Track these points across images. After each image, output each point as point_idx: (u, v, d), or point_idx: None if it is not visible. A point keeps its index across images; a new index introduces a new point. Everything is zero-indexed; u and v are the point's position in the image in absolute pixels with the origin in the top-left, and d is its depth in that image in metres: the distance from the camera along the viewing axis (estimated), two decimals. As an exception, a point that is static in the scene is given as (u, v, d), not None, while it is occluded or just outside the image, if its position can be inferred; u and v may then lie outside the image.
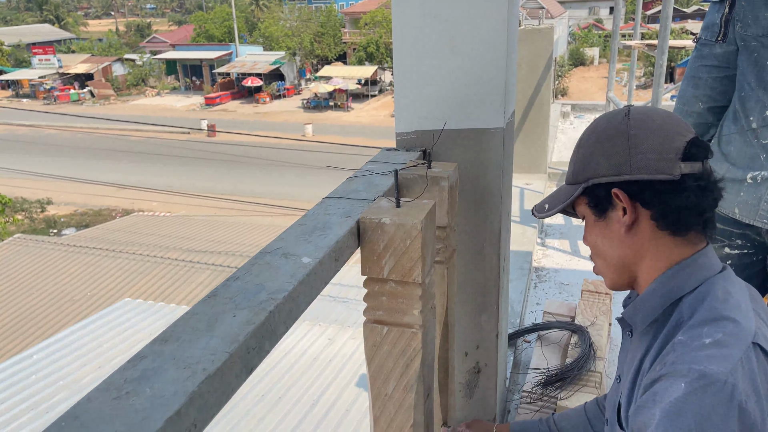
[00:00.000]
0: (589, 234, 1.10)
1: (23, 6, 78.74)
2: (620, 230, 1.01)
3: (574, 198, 1.06)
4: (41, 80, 40.72)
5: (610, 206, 1.02)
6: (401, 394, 1.19)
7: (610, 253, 1.05)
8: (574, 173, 1.08)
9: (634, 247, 1.01)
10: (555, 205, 1.10)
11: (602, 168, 1.01)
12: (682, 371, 0.83)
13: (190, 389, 0.68)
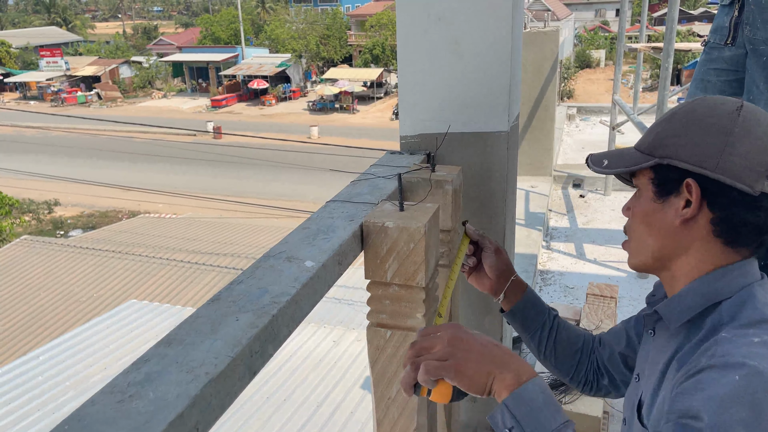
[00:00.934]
0: (637, 209, 1.02)
1: (31, 9, 79.21)
2: (674, 220, 0.96)
3: (640, 168, 1.00)
4: (49, 82, 40.94)
5: (675, 192, 0.96)
6: (405, 398, 1.19)
7: (651, 237, 1.00)
8: (652, 144, 1.00)
9: (680, 241, 0.96)
10: (616, 165, 1.03)
11: (686, 152, 0.94)
12: (733, 364, 0.79)
13: (193, 392, 0.69)
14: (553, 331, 1.29)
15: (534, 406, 0.86)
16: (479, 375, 0.90)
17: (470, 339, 0.93)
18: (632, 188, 1.07)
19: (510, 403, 0.87)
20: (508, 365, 0.90)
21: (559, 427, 0.84)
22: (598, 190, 5.56)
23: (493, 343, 0.94)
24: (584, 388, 1.30)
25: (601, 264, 4.03)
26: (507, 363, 0.90)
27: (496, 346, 0.94)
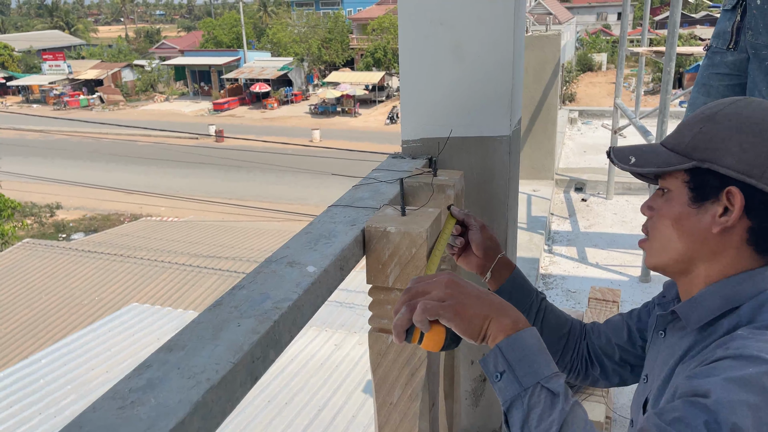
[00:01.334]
0: (666, 211, 0.96)
1: (34, 12, 79.49)
2: (710, 227, 0.91)
3: (675, 170, 0.93)
4: (51, 86, 41.06)
5: (714, 198, 0.90)
6: (406, 403, 1.19)
7: (681, 242, 0.95)
8: (691, 144, 0.93)
9: (713, 248, 0.92)
10: (646, 164, 0.97)
11: (731, 158, 0.88)
12: (749, 356, 0.77)
13: (195, 399, 0.68)
14: (540, 313, 1.24)
15: (528, 352, 0.85)
16: (477, 317, 0.89)
17: (467, 284, 0.93)
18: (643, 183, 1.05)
19: (504, 347, 0.85)
20: (506, 311, 0.89)
21: (551, 375, 0.83)
22: (600, 194, 5.55)
23: (489, 292, 0.93)
24: (570, 374, 1.27)
25: (603, 268, 4.02)
26: (505, 309, 0.90)
27: (493, 294, 0.93)
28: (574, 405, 0.82)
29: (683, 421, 0.74)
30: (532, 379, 0.82)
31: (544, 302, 1.26)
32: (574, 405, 0.81)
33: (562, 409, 0.80)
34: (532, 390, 0.82)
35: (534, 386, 0.82)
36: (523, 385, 0.82)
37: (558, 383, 0.83)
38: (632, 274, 3.90)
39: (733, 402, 0.74)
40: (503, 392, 0.85)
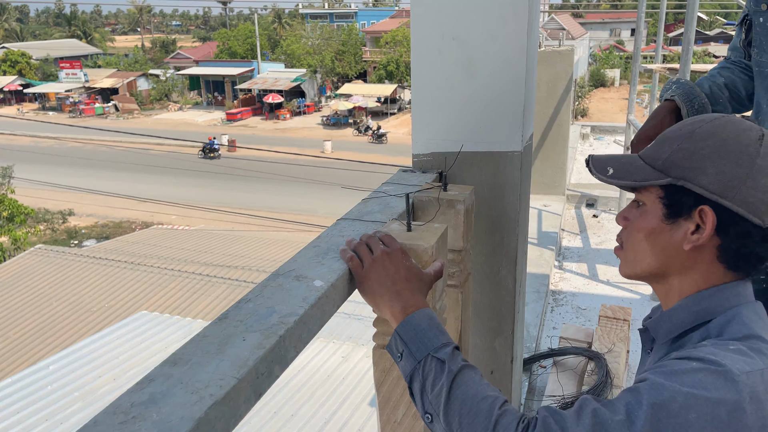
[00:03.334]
0: (640, 225, 0.98)
1: (52, 21, 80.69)
2: (681, 243, 0.93)
3: (651, 185, 0.95)
4: (67, 94, 41.55)
5: (686, 216, 0.92)
6: (411, 421, 1.17)
7: (653, 255, 0.97)
8: (667, 162, 0.94)
9: (684, 263, 0.94)
10: (622, 176, 0.99)
11: (706, 178, 0.90)
12: (696, 357, 0.81)
13: (197, 415, 0.68)
14: None
15: (418, 330, 0.96)
16: (372, 294, 1.03)
17: (392, 268, 1.03)
18: None
19: (400, 330, 0.97)
20: (400, 298, 1.00)
21: (439, 346, 0.94)
22: (611, 210, 5.51)
23: (405, 279, 1.02)
24: None
25: (614, 285, 3.98)
26: (401, 296, 1.00)
27: (407, 281, 1.02)
28: (463, 367, 0.91)
29: (612, 403, 0.82)
30: (424, 351, 0.94)
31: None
32: (462, 367, 0.91)
33: (449, 371, 0.90)
34: (425, 361, 0.93)
35: (425, 357, 0.93)
36: (417, 359, 0.94)
37: (445, 351, 0.93)
38: (643, 292, 3.86)
39: (663, 385, 0.79)
40: (404, 369, 0.96)
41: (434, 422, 0.91)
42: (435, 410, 0.90)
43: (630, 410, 0.79)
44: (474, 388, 0.89)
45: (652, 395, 0.78)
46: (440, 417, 0.89)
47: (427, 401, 0.92)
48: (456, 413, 0.88)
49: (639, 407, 0.78)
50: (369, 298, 1.05)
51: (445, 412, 0.89)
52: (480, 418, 0.86)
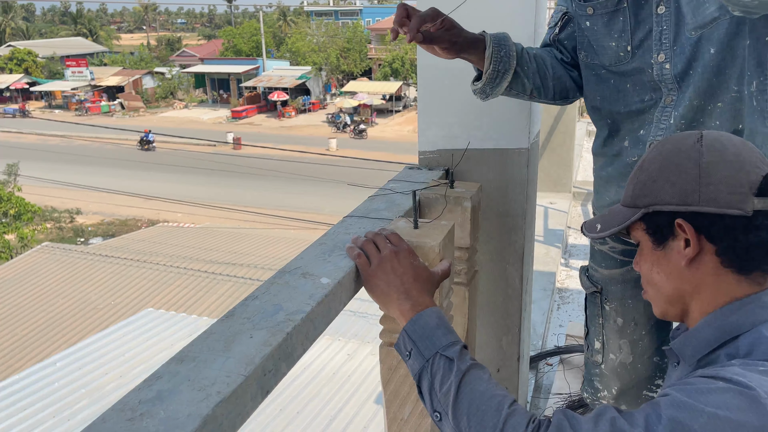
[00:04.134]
0: (643, 262, 1.02)
1: (58, 20, 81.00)
2: (680, 262, 0.94)
3: (631, 223, 0.99)
4: (74, 92, 41.68)
5: (671, 236, 0.95)
6: (417, 418, 1.17)
7: (665, 284, 0.98)
8: (633, 196, 1.00)
9: (693, 281, 0.94)
10: (608, 227, 1.03)
11: (666, 195, 0.94)
12: (723, 377, 0.79)
13: (204, 412, 0.67)
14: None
15: (427, 329, 0.96)
16: (380, 294, 1.03)
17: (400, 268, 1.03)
18: None
19: (408, 328, 0.98)
20: (409, 297, 1.01)
21: (448, 344, 0.94)
22: (617, 208, 5.49)
23: (414, 279, 1.03)
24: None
25: (620, 283, 3.96)
26: (409, 296, 1.01)
27: (415, 281, 1.03)
28: (471, 366, 0.91)
29: (631, 414, 0.80)
30: (432, 350, 0.94)
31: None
32: (471, 366, 0.91)
33: (458, 369, 0.91)
34: (433, 359, 0.93)
35: (434, 356, 0.94)
36: (425, 357, 0.94)
37: (453, 350, 0.93)
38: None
39: (686, 404, 0.77)
40: (413, 368, 0.96)
41: (443, 421, 0.91)
42: (444, 409, 0.90)
43: (649, 424, 0.77)
44: (483, 387, 0.89)
45: (673, 412, 0.77)
46: (449, 415, 0.89)
47: (435, 400, 0.91)
48: (464, 412, 0.88)
49: (658, 422, 0.77)
50: (377, 296, 1.05)
51: (453, 410, 0.89)
52: (488, 416, 0.85)
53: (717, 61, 1.25)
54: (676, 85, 1.31)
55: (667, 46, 1.29)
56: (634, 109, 1.39)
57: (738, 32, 1.23)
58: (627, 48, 1.33)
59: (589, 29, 1.39)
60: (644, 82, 1.35)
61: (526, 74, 1.42)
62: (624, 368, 1.62)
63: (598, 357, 1.66)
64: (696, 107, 1.30)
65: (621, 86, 1.40)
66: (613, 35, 1.35)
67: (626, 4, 1.30)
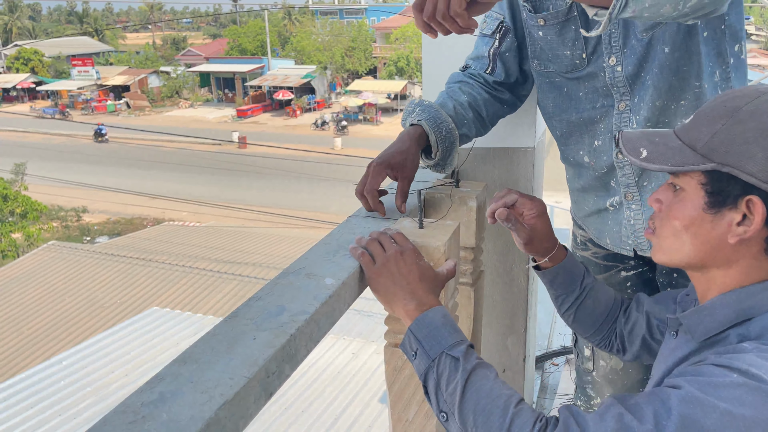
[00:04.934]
0: (678, 213, 0.90)
1: (64, 19, 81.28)
2: (725, 235, 0.85)
3: (692, 170, 0.87)
4: (80, 91, 41.82)
5: (731, 206, 0.84)
6: (422, 420, 1.16)
7: (693, 247, 0.89)
8: (709, 145, 0.85)
9: (728, 255, 0.87)
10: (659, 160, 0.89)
11: (755, 164, 0.81)
12: (737, 368, 0.76)
13: (207, 415, 0.67)
14: (580, 299, 1.22)
15: (432, 328, 0.94)
16: (385, 294, 1.01)
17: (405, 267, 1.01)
18: None
19: (413, 328, 0.96)
20: (414, 297, 0.99)
21: (454, 343, 0.92)
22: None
23: (419, 279, 1.01)
24: (599, 345, 1.27)
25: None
26: (414, 295, 0.99)
27: (420, 281, 1.01)
28: (477, 365, 0.89)
29: (639, 407, 0.77)
30: (438, 349, 0.92)
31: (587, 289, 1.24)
32: (477, 365, 0.89)
33: (464, 369, 0.89)
34: (439, 359, 0.91)
35: (440, 355, 0.91)
36: (431, 357, 0.92)
37: (459, 349, 0.91)
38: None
39: (698, 399, 0.74)
40: (418, 368, 0.94)
41: (449, 421, 0.89)
42: (450, 409, 0.89)
43: (658, 420, 0.75)
44: (489, 386, 0.87)
45: (684, 407, 0.74)
46: (455, 415, 0.88)
47: (441, 399, 0.90)
48: (471, 411, 0.86)
49: (668, 417, 0.74)
50: (381, 296, 1.03)
51: (459, 410, 0.87)
52: (495, 416, 0.84)
53: (673, 59, 1.23)
54: (628, 89, 1.29)
55: (617, 48, 1.27)
56: (585, 116, 1.37)
57: (690, 28, 1.22)
58: (582, 55, 1.32)
59: (543, 39, 1.37)
60: (597, 88, 1.34)
61: (469, 128, 1.42)
62: (615, 374, 1.60)
63: (589, 364, 1.64)
64: (659, 108, 1.28)
65: (574, 93, 1.38)
66: (567, 44, 1.33)
67: (576, 12, 1.28)
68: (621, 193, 1.39)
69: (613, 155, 1.35)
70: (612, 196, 1.41)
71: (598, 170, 1.40)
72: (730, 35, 1.25)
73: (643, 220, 1.38)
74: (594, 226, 1.51)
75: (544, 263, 1.21)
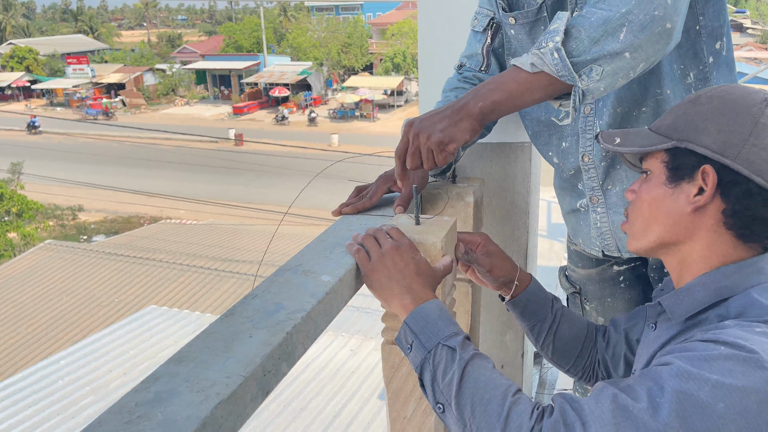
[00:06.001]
0: (645, 193, 0.98)
1: (59, 17, 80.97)
2: (684, 207, 0.92)
3: (655, 150, 0.95)
4: (75, 89, 41.68)
5: (688, 178, 0.92)
6: (421, 417, 1.16)
7: (658, 223, 0.96)
8: (672, 125, 0.95)
9: (689, 228, 0.93)
10: (629, 144, 0.99)
11: (708, 138, 0.89)
12: (724, 341, 0.78)
13: (203, 414, 0.66)
14: (554, 324, 1.23)
15: (428, 320, 0.94)
16: (381, 289, 1.01)
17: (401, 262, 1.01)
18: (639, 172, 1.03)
19: (409, 321, 0.96)
20: (410, 291, 0.98)
21: (450, 335, 0.92)
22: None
23: (415, 274, 1.00)
24: (582, 378, 1.27)
25: (624, 276, 3.95)
26: (411, 290, 0.98)
27: (417, 276, 1.00)
28: (474, 355, 0.89)
29: (632, 388, 0.78)
30: (434, 340, 0.92)
31: (559, 313, 1.25)
32: (473, 355, 0.89)
33: (461, 358, 0.88)
34: (435, 350, 0.91)
35: (436, 346, 0.91)
36: (427, 348, 0.92)
37: (455, 340, 0.91)
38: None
39: (689, 372, 0.75)
40: (414, 360, 0.94)
41: (446, 412, 0.89)
42: (446, 400, 0.88)
43: (652, 396, 0.76)
44: (486, 376, 0.87)
45: (677, 382, 0.76)
46: (452, 406, 0.87)
47: (438, 391, 0.90)
48: (468, 401, 0.86)
49: (662, 394, 0.75)
50: (378, 291, 1.03)
51: (456, 400, 0.87)
52: (492, 405, 0.84)
53: None
54: None
55: None
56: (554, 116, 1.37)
57: None
58: None
59: (515, 37, 1.38)
60: None
61: None
62: None
63: None
64: (621, 114, 1.29)
65: None
66: None
67: (546, 13, 1.29)
68: (587, 196, 1.41)
69: (579, 158, 1.36)
70: (581, 198, 1.44)
71: (567, 172, 1.43)
72: (707, 35, 1.25)
73: (609, 223, 1.40)
74: (570, 225, 1.54)
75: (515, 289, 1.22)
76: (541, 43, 1.05)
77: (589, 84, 1.04)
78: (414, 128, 1.14)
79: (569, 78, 1.04)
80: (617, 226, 1.39)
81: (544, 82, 1.06)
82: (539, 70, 1.05)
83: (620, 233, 1.40)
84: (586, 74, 1.04)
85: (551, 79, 1.05)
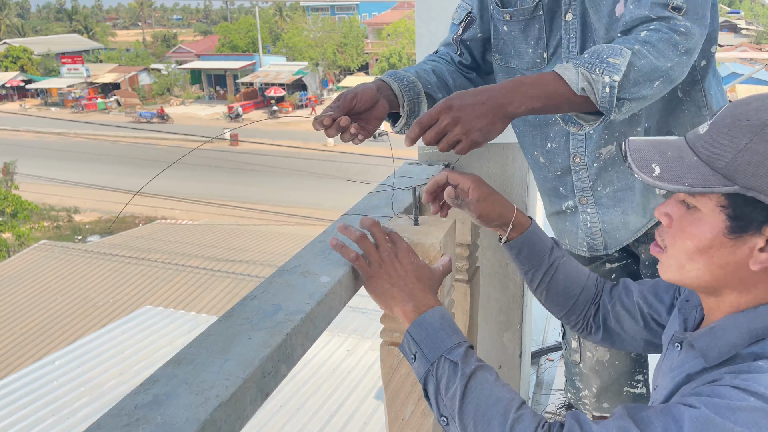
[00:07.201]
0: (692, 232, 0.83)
1: (53, 16, 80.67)
2: (746, 260, 0.80)
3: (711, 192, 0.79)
4: (69, 89, 41.52)
5: (755, 232, 0.78)
6: (419, 418, 1.15)
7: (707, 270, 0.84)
8: (732, 165, 0.77)
9: (745, 280, 0.82)
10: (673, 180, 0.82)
11: None
12: (754, 392, 0.73)
13: (203, 417, 0.66)
14: (550, 272, 1.17)
15: (431, 330, 0.93)
16: (383, 295, 1.00)
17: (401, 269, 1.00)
18: None
19: (411, 331, 0.94)
20: (412, 298, 0.97)
21: (452, 347, 0.90)
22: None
23: (416, 279, 0.99)
24: (574, 327, 1.21)
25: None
26: (413, 296, 0.97)
27: (418, 281, 0.99)
28: (477, 368, 0.88)
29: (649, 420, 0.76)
30: (437, 353, 0.91)
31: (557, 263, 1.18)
32: (476, 368, 0.88)
33: (463, 373, 0.87)
34: (437, 363, 0.90)
35: (438, 359, 0.90)
36: (429, 360, 0.91)
37: (458, 352, 0.90)
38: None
39: (713, 421, 0.72)
40: (418, 371, 0.93)
41: (450, 425, 0.88)
42: (450, 413, 0.87)
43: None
44: (488, 391, 0.85)
45: (697, 427, 0.72)
46: (456, 420, 0.87)
47: (441, 404, 0.89)
48: (471, 417, 0.85)
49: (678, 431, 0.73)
50: (379, 298, 1.01)
51: (459, 416, 0.86)
52: (495, 422, 0.83)
53: None
54: None
55: (574, 53, 1.29)
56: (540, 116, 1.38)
57: None
58: (543, 55, 1.34)
59: (507, 34, 1.39)
60: None
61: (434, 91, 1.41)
62: (602, 366, 1.62)
63: (576, 356, 1.65)
64: None
65: None
66: (530, 42, 1.35)
67: (542, 11, 1.30)
68: (575, 197, 1.41)
69: (570, 159, 1.36)
70: (567, 200, 1.44)
71: (553, 172, 1.43)
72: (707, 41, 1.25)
73: (599, 223, 1.40)
74: (554, 226, 1.54)
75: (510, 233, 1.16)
76: (594, 69, 1.05)
77: (617, 116, 1.09)
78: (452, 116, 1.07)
79: (607, 109, 1.06)
80: (608, 225, 1.39)
81: (580, 101, 1.08)
82: (584, 94, 1.07)
83: (611, 231, 1.40)
84: (618, 108, 1.07)
85: (590, 103, 1.07)
